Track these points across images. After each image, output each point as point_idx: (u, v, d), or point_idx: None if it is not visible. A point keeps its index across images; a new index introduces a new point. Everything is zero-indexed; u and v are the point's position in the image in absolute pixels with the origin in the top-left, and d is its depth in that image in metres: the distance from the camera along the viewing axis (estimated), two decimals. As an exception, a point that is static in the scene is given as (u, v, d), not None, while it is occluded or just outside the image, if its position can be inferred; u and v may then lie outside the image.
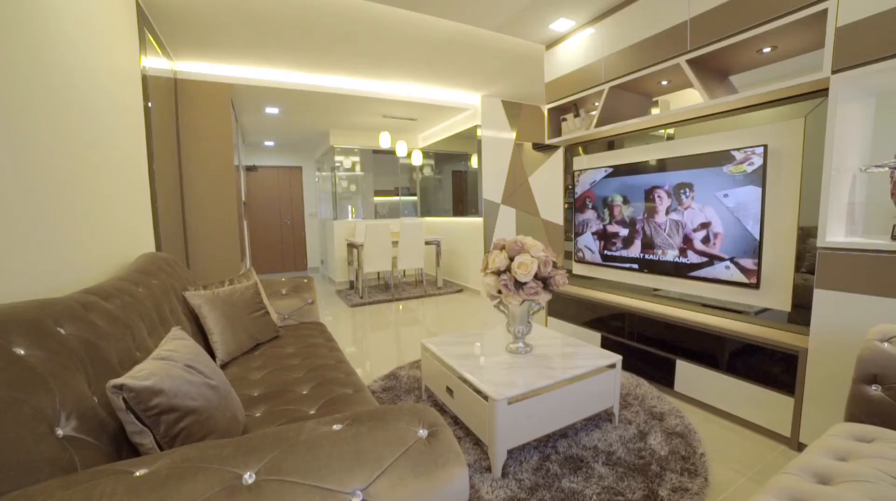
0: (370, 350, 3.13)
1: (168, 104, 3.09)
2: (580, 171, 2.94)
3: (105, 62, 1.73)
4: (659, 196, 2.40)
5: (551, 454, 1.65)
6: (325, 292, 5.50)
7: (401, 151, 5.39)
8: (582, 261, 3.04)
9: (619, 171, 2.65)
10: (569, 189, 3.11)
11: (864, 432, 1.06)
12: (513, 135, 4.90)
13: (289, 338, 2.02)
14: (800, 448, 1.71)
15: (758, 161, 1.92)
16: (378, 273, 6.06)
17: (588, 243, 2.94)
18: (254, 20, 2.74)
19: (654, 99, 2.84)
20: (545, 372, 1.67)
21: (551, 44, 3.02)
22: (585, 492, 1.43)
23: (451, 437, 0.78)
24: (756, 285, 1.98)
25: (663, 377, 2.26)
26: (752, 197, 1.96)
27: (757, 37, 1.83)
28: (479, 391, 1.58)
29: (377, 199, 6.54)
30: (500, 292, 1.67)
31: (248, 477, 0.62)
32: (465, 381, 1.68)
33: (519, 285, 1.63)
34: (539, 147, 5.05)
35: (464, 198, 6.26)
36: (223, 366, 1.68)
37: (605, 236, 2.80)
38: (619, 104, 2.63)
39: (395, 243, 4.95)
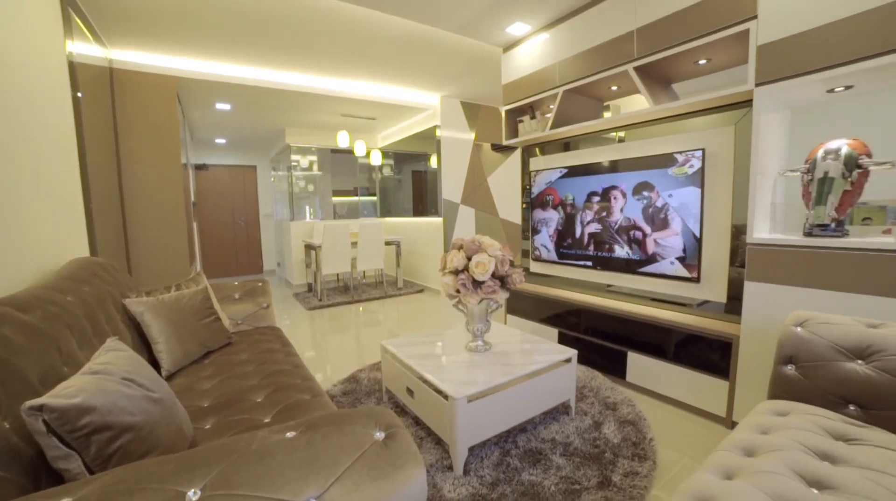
0: (330, 354, 3.06)
1: (103, 95, 2.85)
2: (537, 171, 3.03)
3: (18, 44, 1.55)
4: (611, 196, 2.52)
5: (511, 448, 1.69)
6: (282, 295, 5.32)
7: (359, 150, 5.31)
8: (539, 259, 3.13)
9: (573, 171, 2.75)
10: (526, 189, 3.19)
11: (782, 407, 1.18)
12: (472, 135, 4.96)
13: (242, 344, 1.94)
14: (733, 426, 1.86)
15: (697, 164, 2.07)
16: (337, 275, 5.94)
17: (545, 241, 3.04)
18: (198, 10, 2.59)
19: (606, 103, 2.98)
20: (504, 369, 1.71)
21: (508, 47, 3.09)
22: (544, 484, 1.48)
23: (408, 438, 0.79)
24: (697, 280, 2.13)
25: (616, 368, 2.38)
26: (693, 197, 2.10)
27: (693, 49, 1.97)
28: (439, 391, 1.59)
29: (336, 199, 6.39)
30: (458, 291, 1.69)
31: (193, 495, 0.59)
32: (425, 381, 1.69)
33: (477, 284, 1.66)
34: (497, 148, 5.15)
35: (424, 198, 6.26)
36: (170, 377, 1.59)
37: (560, 235, 2.90)
38: (573, 107, 2.74)
39: (354, 244, 4.86)
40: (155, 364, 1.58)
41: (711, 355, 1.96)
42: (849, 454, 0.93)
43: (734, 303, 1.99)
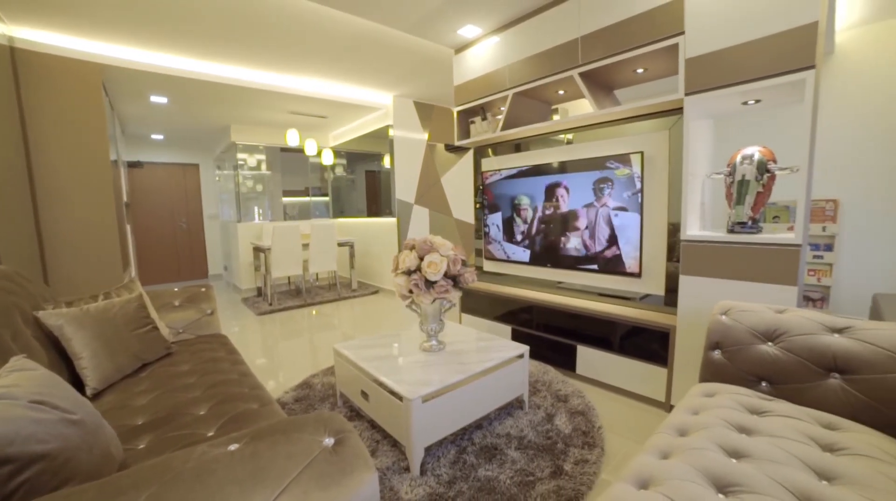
0: (282, 360, 2.94)
1: (2, 79, 2.53)
2: (489, 171, 3.09)
3: None
4: (560, 196, 2.63)
5: (468, 446, 1.72)
6: (230, 300, 5.04)
7: (310, 149, 5.14)
8: (492, 258, 3.19)
9: (524, 172, 2.84)
10: (479, 189, 3.24)
11: (711, 389, 1.29)
12: (425, 136, 4.97)
13: (184, 355, 1.82)
14: (671, 409, 2.00)
15: (637, 166, 2.20)
16: (288, 278, 5.72)
17: (497, 240, 3.11)
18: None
19: (554, 106, 3.10)
20: (458, 368, 1.73)
21: (460, 48, 3.13)
22: (500, 478, 1.51)
23: (358, 443, 0.78)
24: (639, 275, 2.27)
25: (567, 362, 2.48)
26: (634, 197, 2.24)
27: (631, 58, 2.10)
28: (393, 392, 1.59)
29: (286, 199, 6.15)
30: (411, 291, 1.69)
31: (118, 521, 0.55)
32: (380, 383, 1.67)
33: (429, 283, 1.66)
34: (451, 148, 5.19)
35: (378, 198, 6.18)
36: (97, 395, 1.45)
37: (512, 234, 2.98)
38: (523, 110, 2.82)
39: (305, 246, 4.71)
40: (79, 382, 1.44)
41: (652, 345, 2.10)
42: (761, 425, 1.04)
43: (671, 295, 2.14)
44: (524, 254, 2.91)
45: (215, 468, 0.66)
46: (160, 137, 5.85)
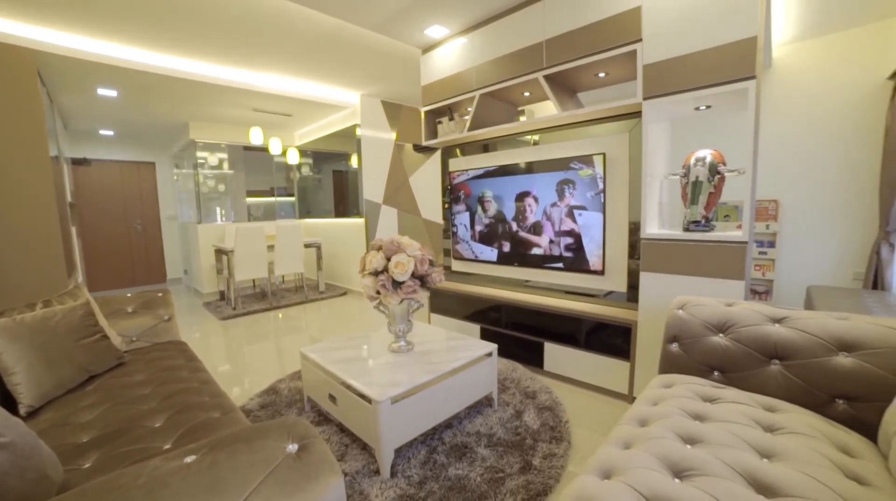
0: (247, 366, 2.84)
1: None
2: (457, 171, 3.11)
3: None
4: (526, 196, 2.67)
5: (438, 445, 1.72)
6: (191, 305, 4.81)
7: (275, 148, 4.99)
8: (460, 258, 3.21)
9: (492, 172, 2.87)
10: (447, 189, 3.26)
11: (669, 380, 1.35)
12: (393, 135, 4.93)
13: (138, 364, 1.72)
14: (633, 401, 2.09)
15: (600, 167, 2.28)
16: (253, 281, 5.53)
17: (465, 240, 3.13)
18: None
19: (521, 108, 3.16)
20: (427, 368, 1.73)
21: (427, 48, 3.12)
22: (470, 476, 1.52)
23: (323, 448, 0.76)
24: (602, 273, 2.35)
25: (535, 359, 2.53)
26: (597, 197, 2.31)
27: (593, 63, 2.17)
28: (361, 395, 1.56)
29: (250, 200, 5.94)
30: (378, 292, 1.67)
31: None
32: (348, 386, 1.65)
33: (397, 284, 1.65)
34: (419, 148, 5.18)
35: (345, 198, 6.07)
36: (34, 413, 1.34)
37: (480, 234, 3.01)
38: (490, 110, 2.85)
39: (271, 248, 4.57)
40: (10, 400, 1.33)
41: (616, 340, 2.18)
42: (713, 412, 1.11)
43: (633, 292, 2.23)
44: (492, 253, 2.95)
45: (170, 481, 0.63)
46: (110, 132, 5.50)
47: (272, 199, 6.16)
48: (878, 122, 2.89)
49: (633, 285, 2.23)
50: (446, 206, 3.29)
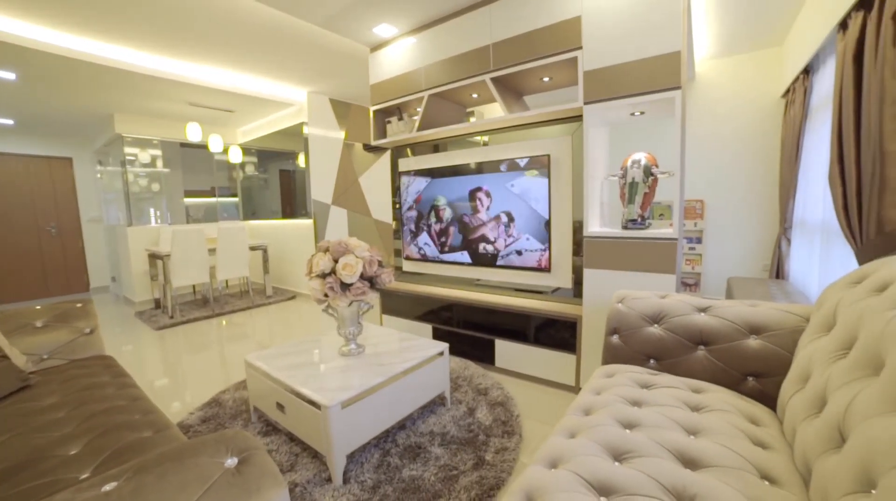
0: (187, 378, 2.65)
1: None
2: (407, 172, 3.09)
3: None
4: (477, 195, 2.72)
5: (391, 448, 1.70)
6: (121, 315, 4.40)
7: (215, 146, 4.70)
8: (411, 258, 3.20)
9: (442, 172, 2.88)
10: (397, 189, 3.23)
11: (611, 370, 1.43)
12: (342, 134, 4.82)
13: (50, 385, 1.54)
14: (579, 392, 2.19)
15: (545, 167, 2.36)
16: (193, 287, 5.17)
17: (416, 240, 3.12)
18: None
19: (470, 109, 3.20)
20: (379, 370, 1.71)
21: (376, 47, 3.08)
22: (425, 476, 1.52)
23: (265, 460, 0.73)
24: (549, 270, 2.44)
25: (486, 356, 2.58)
26: (543, 197, 2.39)
27: (538, 67, 2.25)
28: (310, 401, 1.51)
29: (188, 200, 5.54)
30: (326, 295, 1.63)
31: None
32: (296, 393, 1.58)
33: (345, 286, 1.62)
34: (369, 148, 5.10)
35: (292, 199, 5.83)
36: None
37: (431, 233, 3.02)
38: (439, 111, 2.87)
39: (212, 251, 4.29)
40: None
41: (563, 334, 2.27)
42: (649, 397, 1.19)
43: (578, 288, 2.34)
44: (442, 253, 2.96)
45: (85, 511, 0.57)
46: (9, 121, 4.79)
47: (213, 199, 5.79)
48: (777, 133, 3.28)
49: (578, 282, 2.34)
50: (397, 206, 3.26)
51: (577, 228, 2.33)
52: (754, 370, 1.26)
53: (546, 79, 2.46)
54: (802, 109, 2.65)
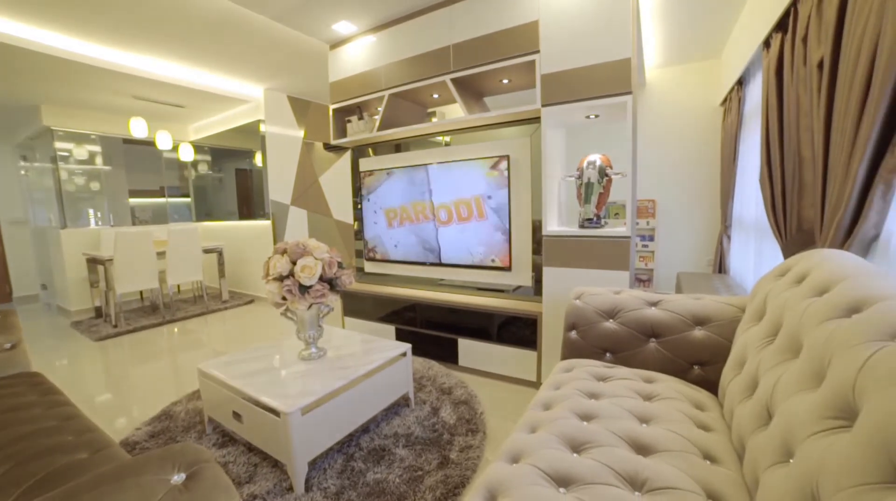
0: (134, 391, 2.47)
1: None
2: (368, 171, 3.05)
3: None
4: (437, 196, 2.72)
5: (355, 452, 1.67)
6: (53, 326, 4.05)
7: (163, 142, 4.42)
8: (373, 259, 3.16)
9: (403, 173, 2.87)
10: (358, 189, 3.18)
11: (569, 365, 1.48)
12: (300, 133, 4.68)
13: (-35, 407, 1.39)
14: (540, 388, 2.25)
15: (505, 168, 2.41)
16: (141, 293, 4.85)
17: (378, 240, 3.09)
18: None
19: (431, 110, 3.20)
20: (340, 373, 1.67)
21: (335, 44, 3.02)
22: (389, 478, 1.51)
23: (216, 472, 0.69)
24: (510, 269, 2.49)
25: (450, 355, 2.59)
26: (503, 197, 2.44)
27: (497, 69, 2.28)
28: (269, 408, 1.46)
29: (134, 200, 5.18)
30: (284, 298, 1.57)
31: None
32: (253, 401, 1.52)
33: (304, 288, 1.57)
34: (330, 147, 4.99)
35: (250, 199, 5.61)
36: None
37: (392, 234, 2.99)
38: (400, 111, 2.85)
39: (161, 255, 4.04)
40: None
41: (524, 331, 2.32)
42: (605, 389, 1.24)
43: (538, 286, 2.40)
44: (404, 254, 2.95)
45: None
46: None
47: (162, 200, 5.45)
48: (718, 139, 3.52)
49: (538, 280, 2.39)
50: (358, 206, 3.21)
51: (537, 227, 2.39)
52: (699, 359, 1.35)
53: (505, 81, 2.50)
54: (738, 117, 2.86)
